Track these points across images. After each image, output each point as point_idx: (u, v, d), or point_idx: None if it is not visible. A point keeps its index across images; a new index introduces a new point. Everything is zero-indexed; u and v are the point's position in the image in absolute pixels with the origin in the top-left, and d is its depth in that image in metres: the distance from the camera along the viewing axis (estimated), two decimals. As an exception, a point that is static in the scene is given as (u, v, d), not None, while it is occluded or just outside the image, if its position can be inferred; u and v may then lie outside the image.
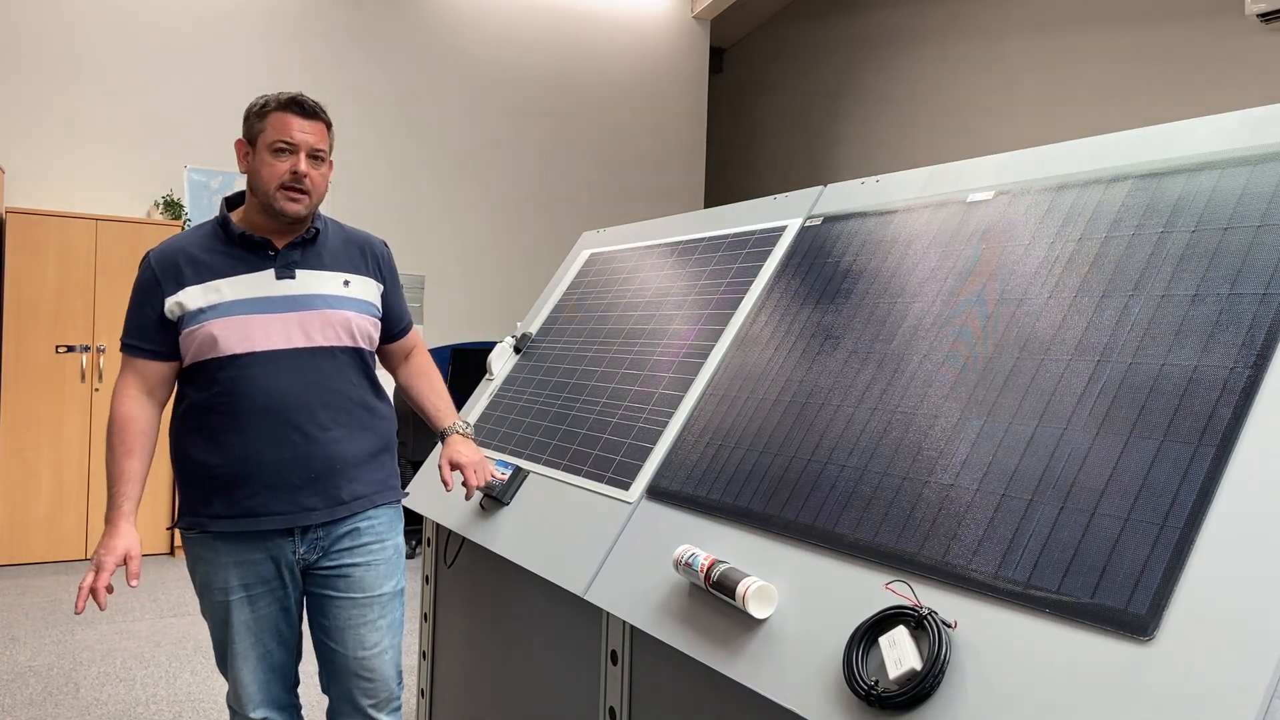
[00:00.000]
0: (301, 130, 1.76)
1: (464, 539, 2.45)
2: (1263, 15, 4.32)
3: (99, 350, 5.10)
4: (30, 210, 4.93)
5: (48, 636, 3.83)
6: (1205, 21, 4.88)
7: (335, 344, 1.84)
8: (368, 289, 1.92)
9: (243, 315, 1.77)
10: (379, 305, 1.95)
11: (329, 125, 1.84)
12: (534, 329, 2.61)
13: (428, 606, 2.64)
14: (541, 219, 7.02)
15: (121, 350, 1.82)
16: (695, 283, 2.10)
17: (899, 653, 1.09)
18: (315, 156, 1.79)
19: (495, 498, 2.10)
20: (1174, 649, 0.92)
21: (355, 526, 1.86)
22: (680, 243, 2.30)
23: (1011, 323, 1.33)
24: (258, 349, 1.77)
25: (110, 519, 1.72)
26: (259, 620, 1.84)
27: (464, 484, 1.96)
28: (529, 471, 2.11)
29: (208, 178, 5.83)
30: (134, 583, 1.67)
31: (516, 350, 2.59)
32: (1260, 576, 0.90)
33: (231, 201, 1.91)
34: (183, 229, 5.54)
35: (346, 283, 1.88)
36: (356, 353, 1.88)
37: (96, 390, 5.10)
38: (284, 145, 1.75)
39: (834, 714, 1.14)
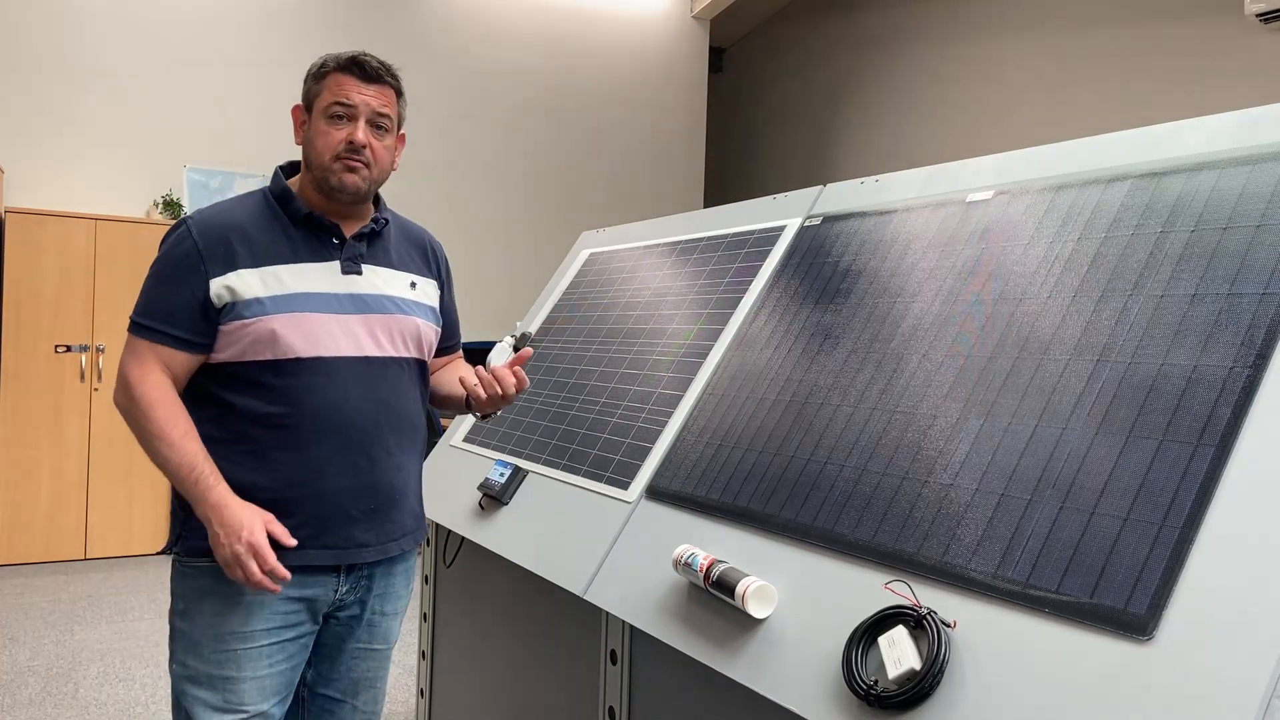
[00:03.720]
0: (361, 93, 1.51)
1: (463, 539, 2.44)
2: (1262, 15, 4.31)
3: (99, 350, 5.10)
4: (30, 210, 4.93)
5: (47, 636, 3.83)
6: (1205, 21, 4.87)
7: (403, 354, 1.60)
8: (431, 294, 1.69)
9: (308, 312, 1.50)
10: (440, 313, 1.73)
11: (399, 92, 1.58)
12: (533, 328, 2.61)
13: (427, 606, 2.64)
14: (541, 219, 7.02)
15: (137, 333, 1.48)
16: (695, 282, 2.10)
17: (898, 652, 1.09)
18: (378, 126, 1.54)
19: (495, 497, 2.10)
20: (1174, 649, 0.92)
21: (394, 569, 1.65)
22: (680, 242, 2.30)
23: (1011, 322, 1.33)
24: (325, 354, 1.50)
25: (214, 501, 1.40)
26: (274, 677, 1.51)
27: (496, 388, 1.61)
28: (528, 471, 2.11)
29: (207, 178, 5.83)
30: (292, 541, 1.43)
31: (516, 349, 2.59)
32: (1260, 576, 0.90)
33: (285, 172, 1.62)
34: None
35: (413, 285, 1.65)
36: (421, 366, 1.66)
37: (96, 390, 5.10)
38: (341, 109, 1.50)
39: (833, 714, 1.14)
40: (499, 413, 1.64)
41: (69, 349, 5.03)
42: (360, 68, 1.52)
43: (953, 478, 1.24)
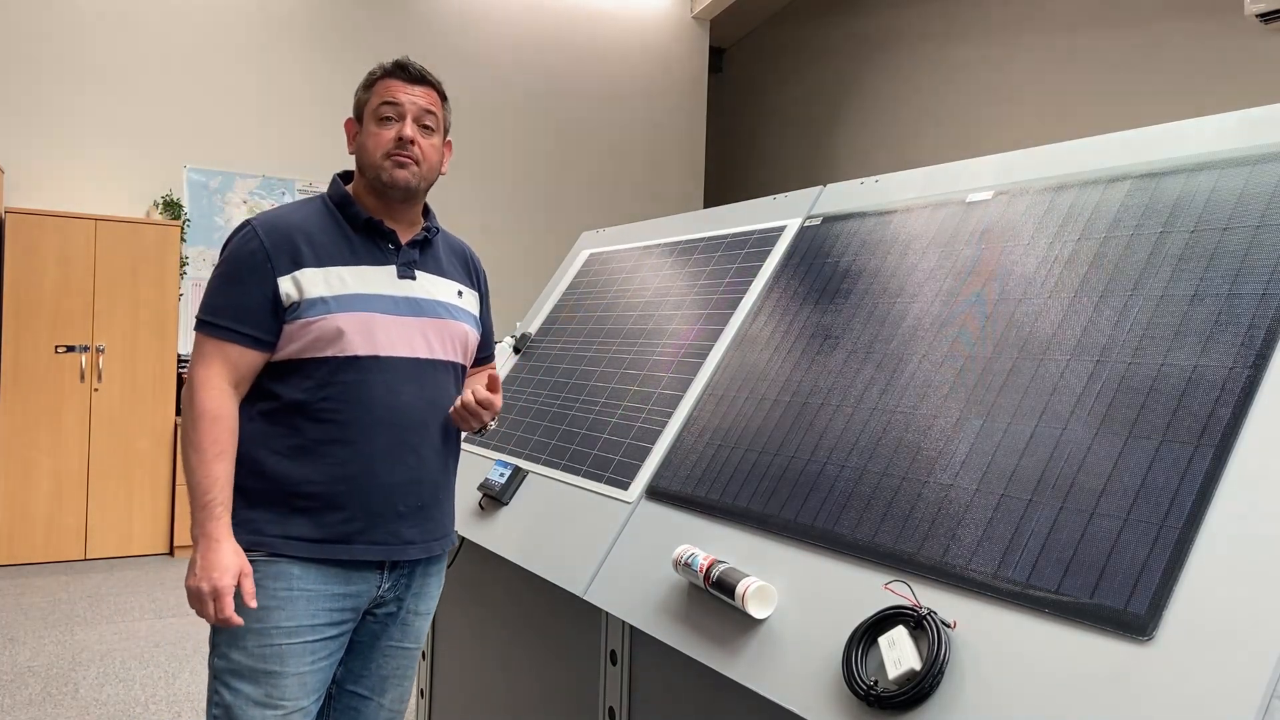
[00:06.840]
0: (407, 93, 1.59)
1: (463, 539, 2.44)
2: (1263, 15, 4.32)
3: (99, 350, 5.10)
4: (30, 210, 4.93)
5: (47, 636, 3.83)
6: (1205, 21, 4.88)
7: (451, 358, 1.66)
8: (473, 303, 1.76)
9: (368, 312, 1.55)
10: (480, 322, 1.80)
11: (442, 95, 1.65)
12: (533, 329, 2.61)
13: (427, 606, 2.64)
14: (541, 219, 7.02)
15: (205, 332, 1.52)
16: (695, 283, 2.10)
17: (898, 653, 1.09)
18: (425, 125, 1.61)
19: (495, 497, 2.10)
20: (1173, 649, 0.92)
21: (430, 570, 1.69)
22: (679, 243, 2.30)
23: (1011, 323, 1.33)
24: (382, 353, 1.55)
25: (209, 533, 1.43)
26: (315, 674, 1.53)
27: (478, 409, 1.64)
28: (528, 471, 2.11)
29: (207, 178, 5.83)
30: (254, 603, 1.44)
31: (516, 350, 2.59)
32: (1259, 577, 0.90)
33: (342, 180, 1.69)
34: (181, 230, 5.54)
35: (460, 293, 1.72)
36: (463, 371, 1.72)
37: (96, 390, 5.10)
38: (389, 110, 1.58)
39: (833, 714, 1.14)
40: (487, 428, 1.70)
41: (69, 349, 5.03)
42: (404, 70, 1.60)
43: (953, 478, 1.24)
